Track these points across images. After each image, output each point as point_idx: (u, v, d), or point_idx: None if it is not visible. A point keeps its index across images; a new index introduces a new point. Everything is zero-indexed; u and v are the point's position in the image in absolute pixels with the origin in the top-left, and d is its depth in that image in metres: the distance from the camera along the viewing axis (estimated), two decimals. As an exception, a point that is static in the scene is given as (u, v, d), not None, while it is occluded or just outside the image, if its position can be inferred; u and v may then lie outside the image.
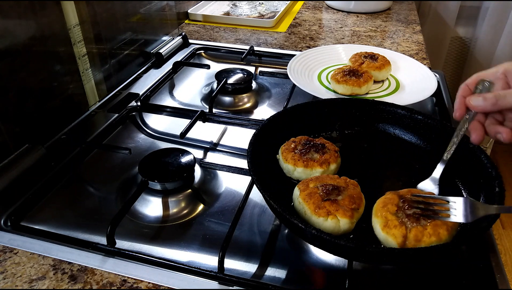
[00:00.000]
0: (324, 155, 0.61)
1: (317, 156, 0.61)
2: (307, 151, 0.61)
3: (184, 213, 0.62)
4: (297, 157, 0.60)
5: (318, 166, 0.60)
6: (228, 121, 0.84)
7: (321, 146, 0.62)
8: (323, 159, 0.60)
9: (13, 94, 0.67)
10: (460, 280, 0.51)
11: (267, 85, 1.00)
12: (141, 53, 1.03)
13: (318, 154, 0.61)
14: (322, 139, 0.65)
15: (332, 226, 0.50)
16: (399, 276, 0.53)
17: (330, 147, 0.63)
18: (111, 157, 0.74)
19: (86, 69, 0.83)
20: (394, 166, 0.65)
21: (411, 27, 1.34)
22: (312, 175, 0.59)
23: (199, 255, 0.56)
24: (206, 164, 0.70)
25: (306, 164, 0.60)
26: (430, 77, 0.90)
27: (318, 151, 0.61)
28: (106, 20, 0.88)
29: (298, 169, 0.60)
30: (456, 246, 0.52)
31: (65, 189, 0.67)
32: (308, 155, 0.61)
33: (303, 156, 0.60)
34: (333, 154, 0.62)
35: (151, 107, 0.88)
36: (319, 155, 0.61)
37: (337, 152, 0.62)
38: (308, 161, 0.60)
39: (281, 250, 0.56)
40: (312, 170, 0.60)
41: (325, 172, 0.60)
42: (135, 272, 0.52)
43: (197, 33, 1.27)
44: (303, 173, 0.60)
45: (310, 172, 0.60)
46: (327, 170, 0.60)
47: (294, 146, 0.63)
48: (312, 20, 1.40)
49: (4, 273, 0.51)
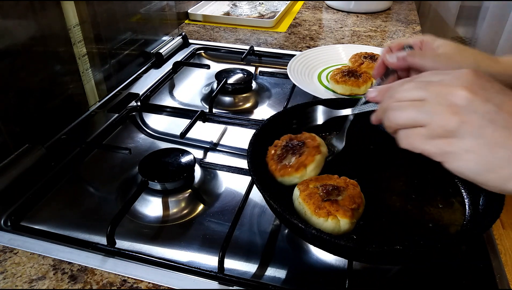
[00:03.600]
0: (301, 157, 0.56)
1: (293, 160, 0.56)
2: (284, 156, 0.57)
3: (184, 213, 0.62)
4: (274, 166, 0.57)
5: (294, 171, 0.55)
6: (228, 121, 0.84)
7: (299, 145, 0.57)
8: (299, 163, 0.55)
9: (13, 94, 0.67)
10: (460, 280, 0.51)
11: (267, 85, 1.00)
12: (141, 53, 1.03)
13: (295, 156, 0.56)
14: (304, 133, 0.61)
15: (333, 227, 0.49)
16: (399, 276, 0.53)
17: (309, 144, 0.57)
18: (111, 157, 0.74)
19: (86, 69, 0.83)
20: (394, 166, 0.65)
21: (411, 27, 1.34)
22: (293, 181, 0.56)
23: (199, 255, 0.56)
24: (206, 164, 0.70)
25: (283, 173, 0.56)
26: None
27: (295, 153, 0.57)
28: (106, 20, 0.88)
29: (279, 179, 0.57)
30: (456, 246, 0.52)
31: (65, 189, 0.67)
32: (285, 161, 0.56)
33: (279, 163, 0.56)
34: (311, 152, 0.56)
35: (151, 107, 0.88)
36: (296, 158, 0.56)
37: (317, 147, 0.57)
38: (284, 169, 0.56)
39: (281, 250, 0.56)
40: (290, 177, 0.56)
41: (303, 176, 0.56)
42: (135, 272, 0.52)
43: (197, 33, 1.27)
44: (286, 181, 0.56)
45: (289, 179, 0.56)
46: (305, 174, 0.56)
47: (274, 151, 0.59)
48: (312, 20, 1.40)
49: (4, 273, 0.51)
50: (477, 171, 0.38)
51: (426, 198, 0.57)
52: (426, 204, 0.56)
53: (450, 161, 0.39)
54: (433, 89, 0.40)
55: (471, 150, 0.37)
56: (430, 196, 0.57)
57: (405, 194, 0.58)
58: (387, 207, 0.56)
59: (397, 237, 0.52)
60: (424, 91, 0.41)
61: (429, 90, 0.40)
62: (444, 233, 0.52)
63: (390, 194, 0.58)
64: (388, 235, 0.52)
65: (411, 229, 0.53)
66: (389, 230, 0.53)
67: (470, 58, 0.54)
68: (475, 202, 0.54)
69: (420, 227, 0.53)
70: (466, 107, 0.38)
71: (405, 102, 0.42)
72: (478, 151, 0.37)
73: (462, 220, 0.54)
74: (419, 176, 0.59)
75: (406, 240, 0.51)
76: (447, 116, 0.38)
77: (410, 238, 0.52)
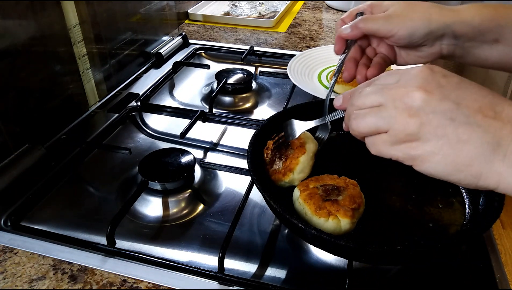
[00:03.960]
0: (286, 161, 0.55)
1: (280, 165, 0.55)
2: (273, 160, 0.56)
3: (184, 213, 0.62)
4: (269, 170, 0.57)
5: (282, 177, 0.55)
6: (228, 121, 0.84)
7: (284, 147, 0.56)
8: (285, 168, 0.54)
9: (13, 94, 0.67)
10: (460, 280, 0.51)
11: (267, 85, 1.00)
12: (141, 53, 1.03)
13: (282, 160, 0.55)
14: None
15: (333, 227, 0.49)
16: (399, 276, 0.53)
17: (294, 144, 0.56)
18: (111, 157, 0.74)
19: (86, 69, 0.83)
20: (394, 166, 0.64)
21: (411, 27, 1.34)
22: (285, 185, 0.56)
23: (199, 255, 0.56)
24: (206, 164, 0.70)
25: (274, 178, 0.55)
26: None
27: (281, 157, 0.55)
28: (106, 20, 0.88)
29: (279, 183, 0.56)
30: (456, 246, 0.52)
31: (65, 189, 0.67)
32: (275, 165, 0.55)
33: (271, 167, 0.56)
34: (295, 154, 0.55)
35: (151, 107, 0.88)
36: (283, 162, 0.55)
37: (301, 148, 0.55)
38: (274, 174, 0.55)
39: (281, 250, 0.56)
40: (281, 182, 0.56)
41: (293, 180, 0.55)
42: (135, 272, 0.52)
43: (197, 33, 1.27)
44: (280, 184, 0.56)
45: (281, 184, 0.56)
46: (293, 178, 0.55)
47: (266, 155, 0.58)
48: (312, 20, 1.40)
49: (4, 273, 0.51)
50: (446, 172, 0.37)
51: (426, 198, 0.57)
52: (426, 204, 0.56)
53: (419, 164, 0.38)
54: (389, 93, 0.39)
55: (436, 151, 0.36)
56: (430, 196, 0.57)
57: (405, 194, 0.58)
58: (387, 207, 0.56)
59: (397, 237, 0.52)
60: (381, 95, 0.39)
61: (385, 95, 0.39)
62: (444, 233, 0.52)
63: (390, 194, 0.58)
64: (388, 235, 0.52)
65: (411, 229, 0.53)
66: (389, 230, 0.53)
67: (422, 12, 0.52)
68: (475, 202, 0.54)
69: (420, 227, 0.53)
70: (423, 108, 0.36)
71: (365, 110, 0.41)
72: (443, 152, 0.36)
73: (462, 220, 0.54)
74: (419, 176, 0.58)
75: (406, 240, 0.51)
76: (406, 119, 0.37)
77: (410, 238, 0.52)
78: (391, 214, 0.55)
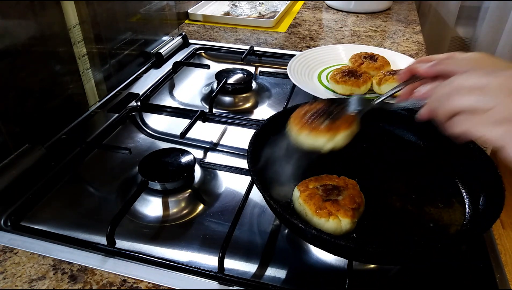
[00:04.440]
0: (336, 122, 0.54)
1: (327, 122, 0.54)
2: (317, 118, 0.55)
3: (184, 213, 0.62)
4: (301, 124, 0.55)
5: (325, 132, 0.53)
6: (228, 121, 0.84)
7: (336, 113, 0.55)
8: (333, 126, 0.53)
9: (13, 94, 0.67)
10: (460, 280, 0.51)
11: (267, 85, 1.00)
12: (141, 53, 1.03)
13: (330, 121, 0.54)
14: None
15: (334, 227, 0.50)
16: (399, 276, 0.53)
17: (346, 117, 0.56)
18: (111, 157, 0.74)
19: (86, 69, 0.83)
20: (394, 166, 0.65)
21: (411, 27, 1.34)
22: (315, 143, 0.54)
23: (199, 255, 0.56)
24: (206, 164, 0.70)
25: (311, 130, 0.53)
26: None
27: (331, 119, 0.55)
28: (106, 20, 0.88)
29: (301, 137, 0.54)
30: (456, 246, 0.52)
31: (65, 189, 0.67)
32: (317, 121, 0.54)
33: (309, 121, 0.54)
34: (348, 119, 0.55)
35: (151, 107, 0.88)
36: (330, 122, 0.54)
37: (352, 121, 0.56)
38: (313, 127, 0.53)
39: (281, 250, 0.56)
40: (317, 138, 0.53)
41: (331, 139, 0.53)
42: (135, 272, 0.52)
43: (197, 33, 1.27)
44: (309, 140, 0.54)
45: (314, 140, 0.54)
46: (334, 139, 0.53)
47: (305, 112, 0.57)
48: (312, 20, 1.40)
49: (4, 273, 0.51)
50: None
51: (426, 198, 0.57)
52: (426, 204, 0.56)
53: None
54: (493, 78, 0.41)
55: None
56: (430, 196, 0.57)
57: (405, 194, 0.58)
58: (387, 207, 0.56)
59: (397, 237, 0.52)
60: (486, 79, 0.41)
61: (489, 79, 0.41)
62: (444, 233, 0.52)
63: (390, 194, 0.58)
64: (388, 235, 0.52)
65: (411, 229, 0.53)
66: (389, 230, 0.53)
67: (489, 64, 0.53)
68: (475, 202, 0.54)
69: (420, 227, 0.53)
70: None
71: (465, 89, 0.42)
72: None
73: (462, 220, 0.54)
74: (419, 176, 0.59)
75: (406, 240, 0.51)
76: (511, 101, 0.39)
77: (410, 238, 0.52)
78: (391, 214, 0.55)
